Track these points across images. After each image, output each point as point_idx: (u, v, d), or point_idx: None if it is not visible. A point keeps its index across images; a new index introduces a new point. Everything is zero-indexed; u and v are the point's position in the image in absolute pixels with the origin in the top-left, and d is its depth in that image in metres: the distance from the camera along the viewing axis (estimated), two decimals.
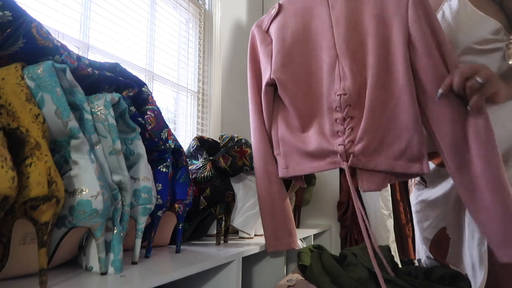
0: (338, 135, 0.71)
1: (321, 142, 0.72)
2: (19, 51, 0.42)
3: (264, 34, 0.85)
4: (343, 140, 0.70)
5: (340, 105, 0.71)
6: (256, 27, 0.88)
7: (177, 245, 0.66)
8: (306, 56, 0.78)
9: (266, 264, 0.95)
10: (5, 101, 0.38)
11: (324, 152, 0.72)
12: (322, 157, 0.73)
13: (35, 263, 0.42)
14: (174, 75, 1.47)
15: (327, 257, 0.73)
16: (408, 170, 0.68)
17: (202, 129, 1.57)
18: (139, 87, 0.59)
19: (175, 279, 0.48)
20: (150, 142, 0.57)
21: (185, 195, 0.65)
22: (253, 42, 0.88)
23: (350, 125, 0.70)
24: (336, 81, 0.73)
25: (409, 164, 0.68)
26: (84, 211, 0.41)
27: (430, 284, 0.67)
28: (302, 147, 0.75)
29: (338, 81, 0.72)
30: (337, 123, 0.72)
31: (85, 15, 1.05)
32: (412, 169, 0.68)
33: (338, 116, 0.72)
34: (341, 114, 0.71)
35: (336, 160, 0.71)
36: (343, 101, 0.71)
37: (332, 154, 0.71)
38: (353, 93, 0.71)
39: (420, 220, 0.89)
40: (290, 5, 0.83)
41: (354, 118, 0.70)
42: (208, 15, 1.66)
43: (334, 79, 0.73)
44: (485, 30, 0.74)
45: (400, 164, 0.68)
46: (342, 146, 0.70)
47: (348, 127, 0.70)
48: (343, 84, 0.71)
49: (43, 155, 0.37)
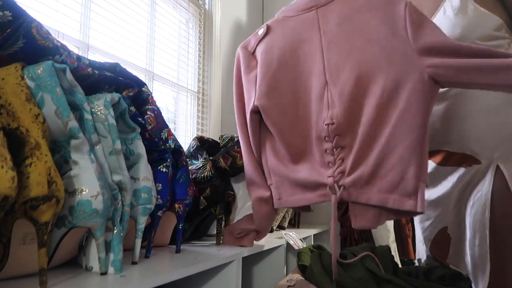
0: (329, 166, 0.67)
1: (311, 174, 0.69)
2: (19, 51, 0.41)
3: (250, 56, 0.81)
4: (333, 171, 0.66)
5: (329, 134, 0.68)
6: (241, 49, 0.83)
7: (177, 245, 0.66)
8: (293, 82, 0.74)
9: (266, 264, 0.95)
10: (5, 101, 0.38)
11: (315, 184, 0.68)
12: (312, 189, 0.69)
13: (35, 263, 0.42)
14: (174, 75, 1.47)
15: (327, 257, 0.73)
16: (401, 206, 0.62)
17: (202, 129, 1.57)
18: (139, 87, 0.59)
19: (175, 279, 0.48)
20: (150, 142, 0.57)
21: (185, 195, 0.65)
22: (238, 64, 0.83)
23: (341, 156, 0.67)
24: (324, 109, 0.69)
25: (403, 200, 0.62)
26: (84, 211, 0.41)
27: (430, 284, 0.67)
28: (292, 178, 0.71)
29: (326, 109, 0.69)
30: (327, 153, 0.68)
31: (85, 15, 1.05)
32: (405, 205, 0.62)
33: (328, 146, 0.68)
34: (330, 144, 0.68)
35: (326, 193, 0.67)
36: (331, 130, 0.67)
37: (322, 186, 0.68)
38: (342, 122, 0.67)
39: (421, 220, 0.89)
40: (279, 27, 0.79)
41: (344, 148, 0.67)
42: (208, 15, 1.66)
43: (322, 107, 0.69)
44: (488, 26, 0.74)
45: (393, 198, 0.62)
46: (331, 178, 0.66)
47: (339, 157, 0.67)
48: (331, 112, 0.68)
49: (43, 155, 0.37)
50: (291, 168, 0.72)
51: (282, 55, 0.76)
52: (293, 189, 0.72)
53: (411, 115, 0.62)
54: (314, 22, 0.75)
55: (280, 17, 0.81)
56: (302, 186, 0.71)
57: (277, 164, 0.73)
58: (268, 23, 0.81)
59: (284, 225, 1.30)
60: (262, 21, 2.14)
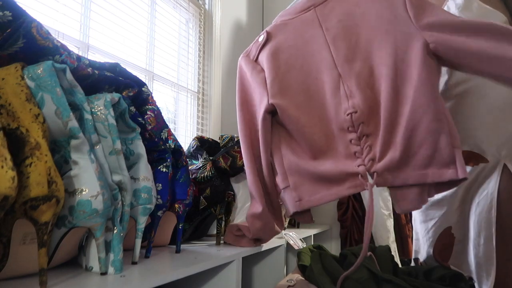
0: (356, 156, 0.66)
1: (338, 166, 0.67)
2: (19, 51, 0.42)
3: (253, 63, 0.80)
4: (362, 160, 0.65)
5: (353, 124, 0.67)
6: (243, 58, 0.82)
7: (177, 245, 0.66)
8: (303, 81, 0.74)
9: (266, 264, 0.95)
10: (5, 101, 0.38)
11: (342, 176, 0.66)
12: (339, 181, 0.66)
13: (35, 263, 0.42)
14: (174, 75, 1.47)
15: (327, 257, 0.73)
16: (441, 177, 0.61)
17: (202, 129, 1.57)
18: (139, 87, 0.59)
19: (175, 279, 0.48)
20: (150, 142, 0.57)
21: (185, 195, 0.65)
22: (241, 73, 0.82)
23: (368, 143, 0.65)
24: (343, 101, 0.69)
25: (442, 171, 0.61)
26: (84, 211, 0.41)
27: (430, 284, 0.67)
28: (316, 173, 0.68)
29: (345, 100, 0.68)
30: (352, 144, 0.67)
31: (85, 15, 1.05)
32: (446, 175, 0.60)
33: (352, 137, 0.67)
34: (355, 133, 0.67)
35: (358, 183, 0.65)
36: (355, 119, 0.67)
37: (352, 177, 0.65)
38: (364, 109, 0.67)
39: (425, 219, 0.88)
40: (280, 31, 0.79)
41: (370, 135, 0.66)
42: (208, 15, 1.66)
43: (340, 99, 0.69)
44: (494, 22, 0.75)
45: (431, 172, 0.61)
46: (362, 166, 0.64)
47: (366, 145, 0.65)
48: (352, 101, 0.68)
49: (43, 155, 0.37)
50: (313, 164, 0.69)
51: (288, 58, 0.75)
52: (315, 186, 0.69)
53: (425, 87, 0.62)
54: (315, 21, 0.75)
55: (278, 22, 0.81)
56: (327, 181, 0.68)
57: (297, 162, 0.71)
58: (267, 30, 0.81)
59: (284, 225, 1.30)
60: (262, 21, 2.14)
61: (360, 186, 0.65)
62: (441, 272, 0.72)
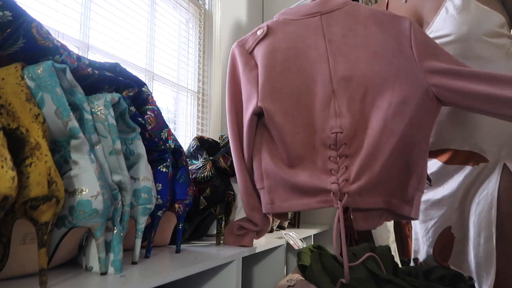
0: (331, 173, 0.68)
1: (312, 179, 0.68)
2: (19, 51, 0.42)
3: (247, 56, 0.78)
4: (337, 178, 0.66)
5: (336, 143, 0.68)
6: (238, 47, 0.79)
7: (177, 245, 0.66)
8: (296, 87, 0.73)
9: (266, 264, 0.95)
10: (5, 101, 0.38)
11: (315, 190, 0.68)
12: (311, 194, 0.68)
13: (35, 263, 0.42)
14: (174, 75, 1.47)
15: (327, 257, 0.73)
16: (400, 210, 0.67)
17: (202, 129, 1.57)
18: (139, 87, 0.59)
19: (175, 279, 0.48)
20: (150, 142, 0.57)
21: (185, 195, 0.65)
22: (233, 63, 0.80)
23: (345, 164, 0.67)
24: (331, 118, 0.69)
25: (402, 205, 0.67)
26: (84, 211, 0.41)
27: (430, 284, 0.67)
28: (290, 182, 0.70)
29: (333, 117, 0.69)
30: (331, 161, 0.68)
31: (85, 15, 1.05)
32: (404, 210, 0.67)
33: (332, 154, 0.68)
34: (335, 152, 0.68)
35: (328, 199, 0.66)
36: (339, 139, 0.68)
37: (324, 192, 0.67)
38: (350, 131, 0.68)
39: (425, 219, 0.88)
40: (280, 29, 0.77)
41: (348, 157, 0.67)
42: (208, 15, 1.66)
43: (328, 115, 0.70)
44: (492, 22, 0.75)
45: (394, 202, 0.67)
46: (336, 184, 0.66)
47: (343, 165, 0.67)
48: (339, 121, 0.68)
49: (43, 155, 0.37)
50: (289, 172, 0.70)
51: (285, 59, 0.74)
52: (288, 194, 0.70)
53: (416, 129, 0.66)
54: (319, 29, 0.75)
55: (281, 19, 0.79)
56: (300, 191, 0.69)
57: (273, 167, 0.71)
58: (268, 24, 0.79)
59: (284, 225, 1.30)
60: (262, 21, 2.14)
61: (330, 202, 0.67)
62: (441, 272, 0.72)
